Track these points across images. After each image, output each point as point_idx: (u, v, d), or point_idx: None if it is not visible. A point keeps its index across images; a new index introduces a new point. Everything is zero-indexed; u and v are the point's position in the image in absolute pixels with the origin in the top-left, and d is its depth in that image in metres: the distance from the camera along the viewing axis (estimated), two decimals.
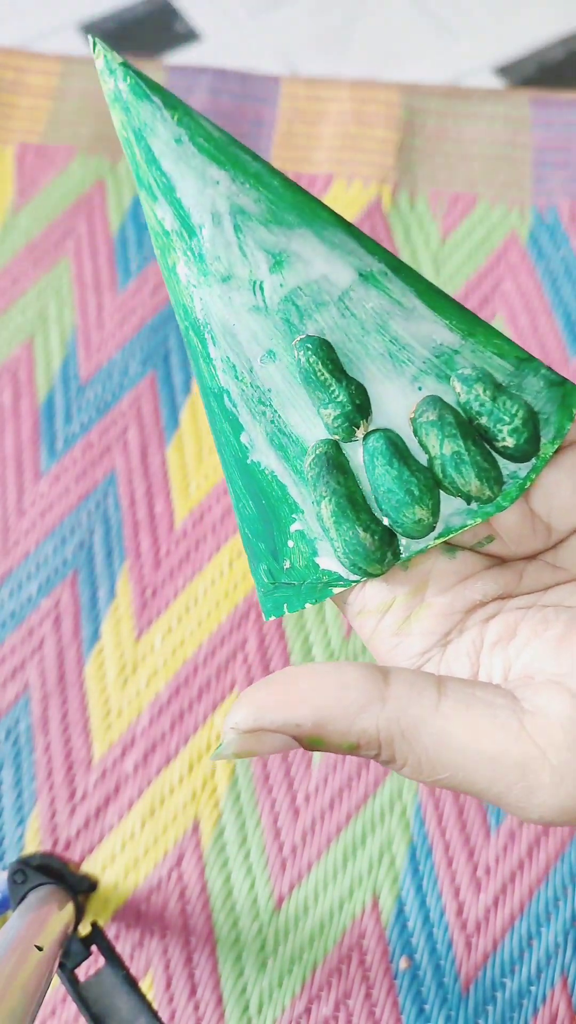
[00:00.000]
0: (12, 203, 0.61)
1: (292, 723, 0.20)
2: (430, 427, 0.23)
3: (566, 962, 0.41)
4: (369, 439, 0.23)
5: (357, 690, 0.20)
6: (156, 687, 0.47)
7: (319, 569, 0.24)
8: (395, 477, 0.23)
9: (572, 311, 0.56)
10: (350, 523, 0.23)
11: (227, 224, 0.24)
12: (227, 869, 0.44)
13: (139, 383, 0.55)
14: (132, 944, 0.43)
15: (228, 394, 0.25)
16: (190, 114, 0.25)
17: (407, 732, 0.20)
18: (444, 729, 0.20)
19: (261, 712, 0.20)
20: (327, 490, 0.23)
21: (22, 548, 0.51)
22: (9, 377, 0.56)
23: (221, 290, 0.24)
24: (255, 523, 0.25)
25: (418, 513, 0.23)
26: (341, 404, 0.23)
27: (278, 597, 0.25)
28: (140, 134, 0.25)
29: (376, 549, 0.23)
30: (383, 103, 0.63)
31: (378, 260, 0.24)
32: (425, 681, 0.20)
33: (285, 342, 0.24)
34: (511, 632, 0.22)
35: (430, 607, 0.23)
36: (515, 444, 0.23)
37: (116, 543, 0.51)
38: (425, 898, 0.43)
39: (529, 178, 0.60)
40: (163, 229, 0.25)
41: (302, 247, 0.24)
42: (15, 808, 0.45)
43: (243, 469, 0.25)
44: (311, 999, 0.41)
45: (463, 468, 0.23)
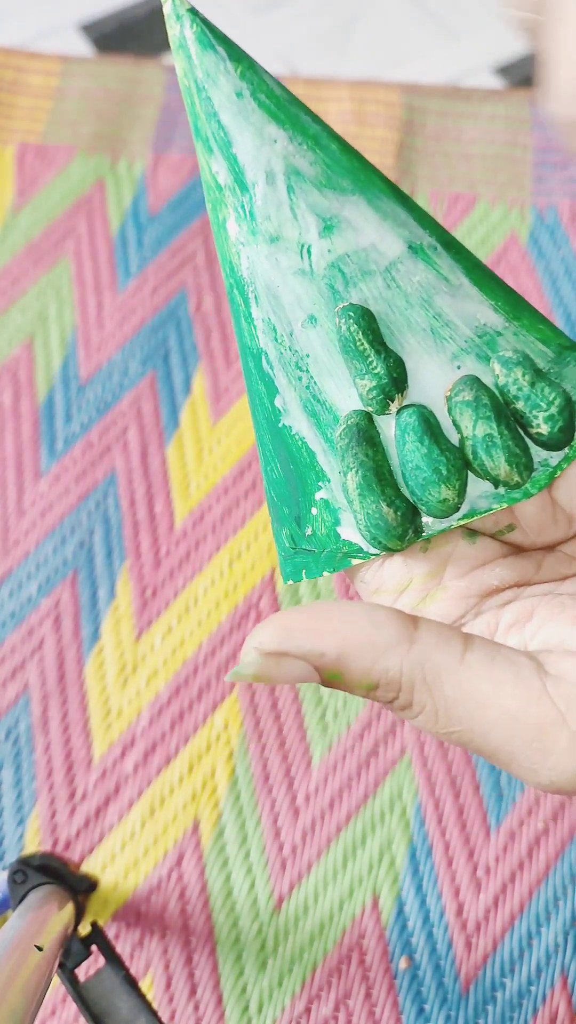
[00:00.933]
0: (12, 203, 0.61)
1: (317, 651, 0.19)
2: (465, 407, 0.23)
3: (566, 962, 0.41)
4: (402, 413, 0.23)
5: (386, 629, 0.20)
6: (156, 687, 0.47)
7: (340, 539, 0.24)
8: (424, 455, 0.22)
9: (572, 311, 0.56)
10: (374, 497, 0.23)
11: (280, 184, 0.24)
12: (227, 869, 0.44)
13: (139, 383, 0.55)
14: (132, 944, 0.43)
15: (266, 356, 0.24)
16: (254, 68, 0.24)
17: (430, 678, 0.20)
18: (467, 680, 0.19)
19: (287, 635, 0.19)
20: (355, 462, 0.23)
21: (22, 548, 0.51)
22: (9, 377, 0.56)
23: (269, 250, 0.24)
24: (281, 486, 0.25)
25: (444, 493, 0.22)
26: (378, 376, 0.23)
27: (297, 562, 0.25)
28: (201, 85, 0.24)
29: (397, 525, 0.23)
30: (383, 103, 0.63)
31: (429, 234, 0.24)
32: (452, 632, 0.20)
33: (328, 308, 0.24)
34: (527, 615, 0.22)
35: (446, 590, 0.23)
36: (549, 431, 0.23)
37: (116, 543, 0.51)
38: (425, 898, 0.43)
39: (529, 178, 0.60)
40: (216, 183, 0.24)
41: (354, 214, 0.24)
42: (15, 808, 0.46)
43: (274, 432, 0.25)
44: (311, 999, 0.41)
45: (494, 451, 0.22)
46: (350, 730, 0.46)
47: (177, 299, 0.57)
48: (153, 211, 0.60)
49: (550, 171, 0.60)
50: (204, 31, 0.24)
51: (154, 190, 0.61)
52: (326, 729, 0.46)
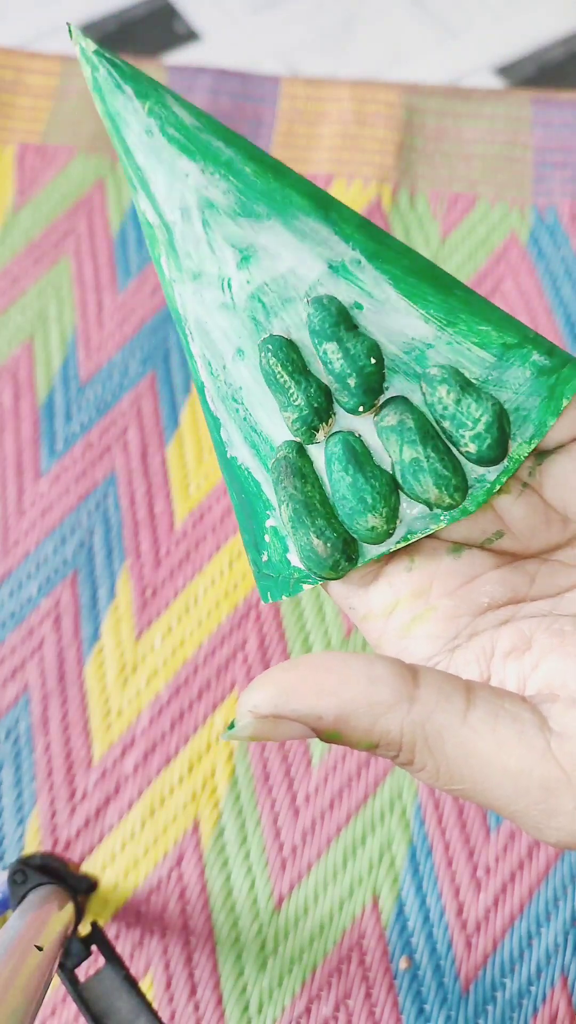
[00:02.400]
0: (12, 203, 0.61)
1: (314, 714, 0.19)
2: (390, 432, 0.22)
3: (566, 962, 0.41)
4: (329, 442, 0.23)
5: (385, 688, 0.19)
6: (156, 687, 0.47)
7: (290, 565, 0.24)
8: (349, 484, 0.22)
9: (572, 311, 0.56)
10: (304, 529, 0.22)
11: (196, 219, 0.23)
12: (227, 869, 0.44)
13: (139, 383, 0.55)
14: (132, 944, 0.43)
15: (207, 390, 0.24)
16: (162, 101, 0.24)
17: (431, 738, 0.19)
18: (469, 740, 0.19)
19: (283, 698, 0.19)
20: (284, 495, 0.23)
21: (22, 548, 0.51)
22: (9, 377, 0.56)
23: (193, 287, 0.24)
24: (240, 514, 0.25)
25: (371, 521, 0.22)
26: (299, 408, 0.22)
27: (263, 585, 0.25)
28: (116, 125, 0.24)
29: (328, 556, 0.22)
30: (383, 103, 0.63)
31: (353, 247, 0.23)
32: (454, 687, 0.19)
33: (252, 341, 0.23)
34: (526, 642, 0.21)
35: (435, 610, 0.23)
36: (477, 450, 0.22)
37: (116, 543, 0.51)
38: (425, 898, 0.43)
39: (529, 178, 0.60)
40: (146, 220, 0.24)
41: (270, 240, 0.23)
42: (15, 808, 0.46)
43: (225, 463, 0.25)
44: (311, 999, 0.41)
45: (421, 475, 0.22)
46: None
47: None
48: None
49: (550, 171, 0.60)
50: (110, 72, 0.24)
51: None
52: None
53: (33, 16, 0.74)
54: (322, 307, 0.22)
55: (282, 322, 0.23)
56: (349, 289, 0.23)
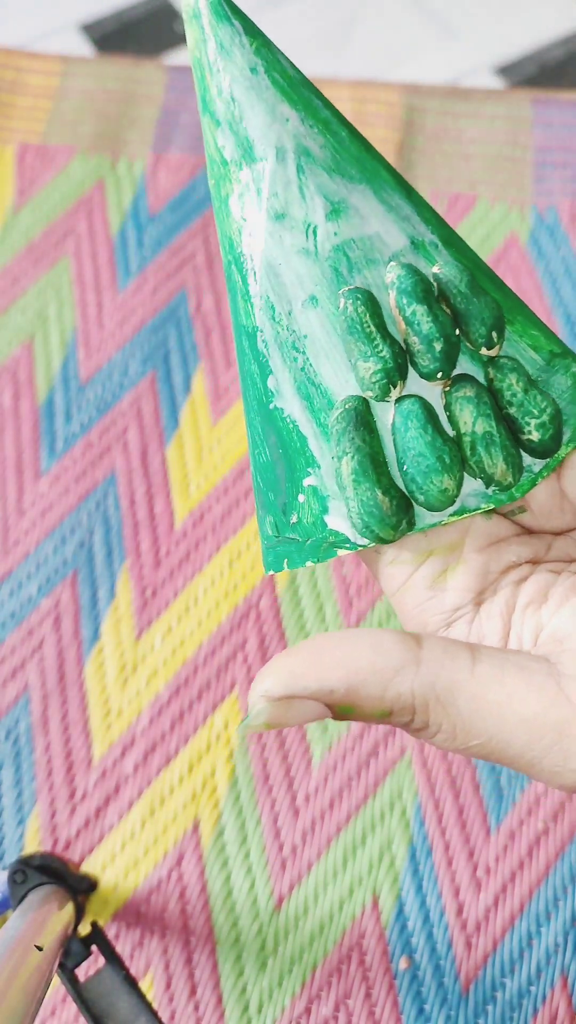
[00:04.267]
0: (12, 203, 0.61)
1: (326, 689, 0.19)
2: (466, 403, 0.23)
3: (566, 962, 0.41)
4: (404, 401, 0.23)
5: (391, 654, 0.19)
6: (156, 687, 0.47)
7: (327, 528, 0.23)
8: (428, 443, 0.22)
9: (572, 311, 0.56)
10: (370, 483, 0.22)
11: (290, 162, 0.23)
12: (227, 869, 0.44)
13: (139, 383, 0.55)
14: (132, 944, 0.43)
15: (262, 334, 0.24)
16: (269, 45, 0.24)
17: (442, 696, 0.19)
18: (480, 693, 0.19)
19: (293, 678, 0.19)
20: (351, 446, 0.22)
21: (22, 548, 0.51)
22: (9, 377, 0.56)
23: (273, 227, 0.24)
24: (268, 471, 0.25)
25: (445, 482, 0.22)
26: (383, 359, 0.22)
27: (280, 551, 0.24)
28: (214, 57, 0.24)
29: (392, 514, 0.22)
30: (383, 103, 0.63)
31: (432, 231, 0.24)
32: (458, 645, 0.20)
33: (330, 290, 0.23)
34: (543, 595, 0.22)
35: (467, 563, 0.23)
36: (540, 439, 0.23)
37: (116, 543, 0.51)
38: (425, 898, 0.43)
39: (529, 178, 0.60)
40: (222, 158, 0.24)
41: (360, 202, 0.24)
42: (15, 808, 0.46)
43: (265, 414, 0.24)
44: (311, 999, 0.41)
45: (493, 449, 0.22)
46: (350, 730, 0.46)
47: (177, 299, 0.57)
48: (153, 211, 0.60)
49: (550, 171, 0.60)
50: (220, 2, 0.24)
51: (154, 190, 0.61)
52: (326, 729, 0.46)
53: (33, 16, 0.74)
54: (414, 272, 0.23)
55: (364, 279, 0.23)
56: (428, 268, 0.23)
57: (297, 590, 0.49)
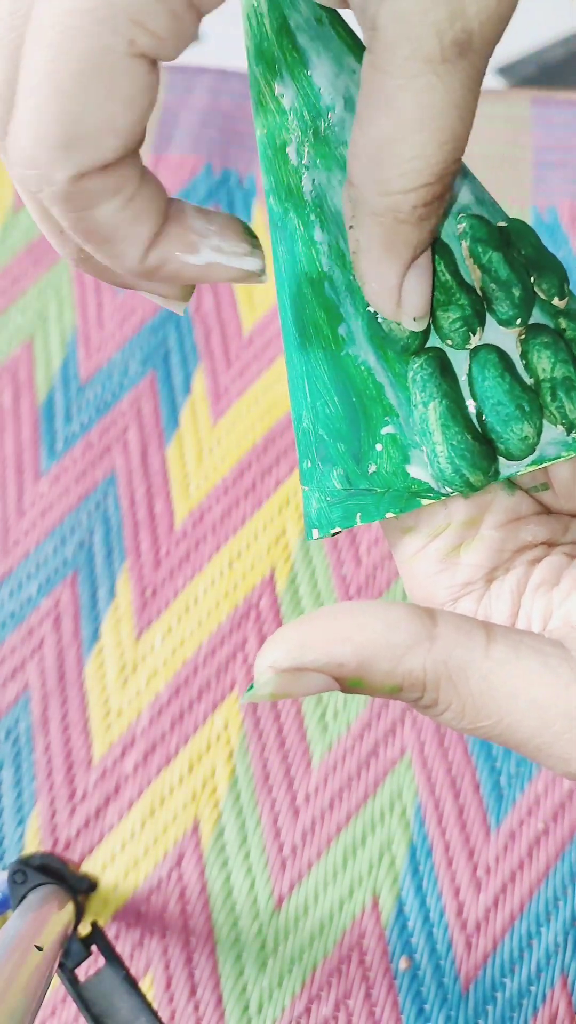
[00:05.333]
0: (12, 203, 0.61)
1: (335, 662, 0.18)
2: (544, 348, 0.22)
3: (566, 962, 0.41)
4: (480, 351, 0.23)
5: (404, 629, 0.19)
6: (156, 687, 0.47)
7: (409, 477, 0.23)
8: (507, 391, 0.22)
9: None
10: (459, 427, 0.22)
11: None
12: (227, 869, 0.44)
13: (139, 383, 0.55)
14: (132, 944, 0.43)
15: (331, 281, 0.24)
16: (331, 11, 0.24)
17: (455, 674, 0.19)
18: (493, 673, 0.19)
19: (302, 649, 0.18)
20: (438, 391, 0.22)
21: (22, 548, 0.51)
22: (9, 377, 0.56)
23: (342, 176, 0.23)
24: (338, 421, 0.24)
25: (526, 430, 0.22)
26: (462, 307, 0.22)
27: (351, 505, 0.23)
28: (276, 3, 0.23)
29: (483, 458, 0.22)
30: None
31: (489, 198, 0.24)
32: (473, 624, 0.20)
33: None
34: (555, 578, 0.22)
35: (483, 539, 0.23)
36: None
37: (116, 543, 0.51)
38: (425, 898, 0.43)
39: (529, 178, 0.60)
40: (279, 107, 0.24)
41: None
42: (15, 808, 0.46)
43: (335, 362, 0.24)
44: (311, 999, 0.41)
45: (573, 393, 0.22)
46: (350, 730, 0.46)
47: None
48: None
49: (550, 171, 0.60)
50: None
51: None
52: (326, 729, 0.46)
53: None
54: (483, 221, 0.23)
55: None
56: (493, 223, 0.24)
57: (297, 590, 0.49)
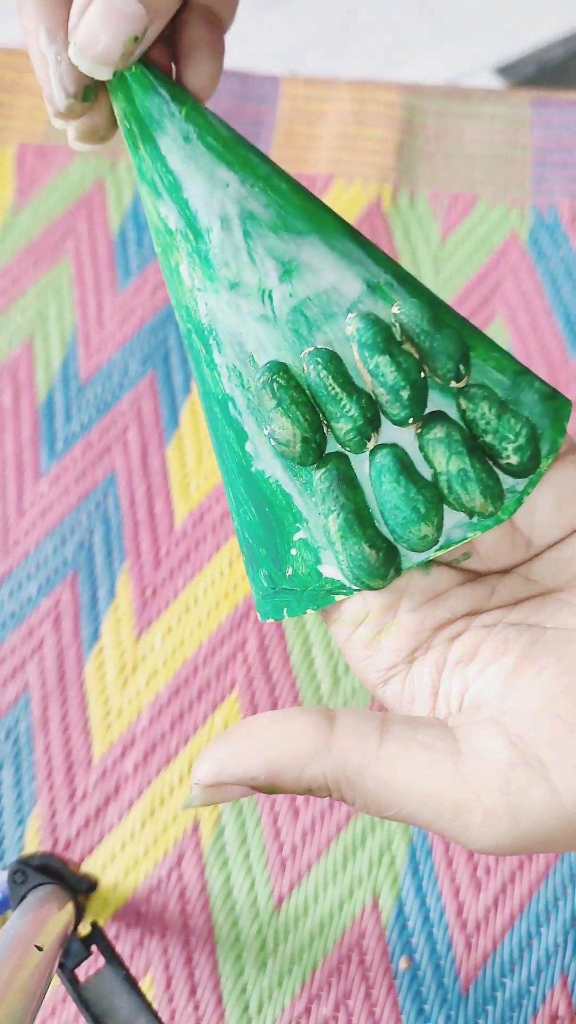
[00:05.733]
0: (12, 203, 0.61)
1: (248, 776, 0.22)
2: (437, 443, 0.23)
3: (566, 962, 0.41)
4: (376, 454, 0.23)
5: (304, 742, 0.21)
6: (156, 687, 0.47)
7: (322, 577, 0.24)
8: (402, 495, 0.23)
9: (572, 311, 0.56)
10: (356, 539, 0.23)
11: (236, 229, 0.23)
12: (227, 869, 0.44)
13: (139, 383, 0.55)
14: (132, 944, 0.43)
15: (233, 402, 0.24)
16: (198, 108, 0.24)
17: (352, 778, 0.21)
18: (385, 774, 0.21)
19: (220, 768, 0.22)
20: (336, 504, 0.23)
21: (22, 548, 0.51)
22: (9, 377, 0.56)
23: (229, 297, 0.24)
24: (256, 528, 0.25)
25: (423, 530, 0.23)
26: (353, 419, 0.23)
27: (278, 601, 0.25)
28: (146, 127, 0.24)
29: (380, 565, 0.23)
30: (383, 103, 0.63)
31: (384, 271, 0.24)
32: (368, 726, 0.22)
33: (292, 353, 0.23)
34: (472, 653, 0.23)
35: (400, 624, 0.24)
36: (519, 461, 0.23)
37: (116, 543, 0.51)
38: (425, 898, 0.43)
39: (529, 178, 0.60)
40: (166, 228, 0.24)
41: (311, 255, 0.23)
42: (15, 808, 0.46)
43: (246, 476, 0.25)
44: (311, 999, 0.41)
45: (468, 485, 0.23)
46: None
47: None
48: None
49: (550, 171, 0.60)
50: (144, 72, 0.24)
51: None
52: None
53: None
54: (372, 322, 0.23)
55: (324, 336, 0.23)
56: (386, 308, 0.24)
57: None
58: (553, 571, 0.24)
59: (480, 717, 0.22)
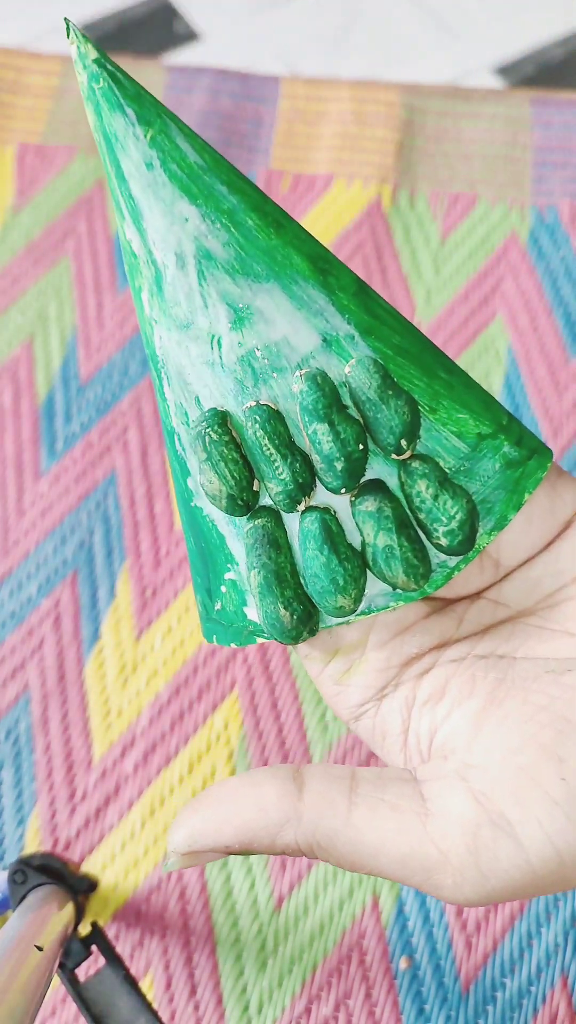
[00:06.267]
0: (12, 203, 0.61)
1: (221, 845, 0.22)
2: (367, 516, 0.23)
3: (566, 962, 0.41)
4: (305, 518, 0.23)
5: (273, 811, 0.22)
6: (156, 687, 0.47)
7: (246, 618, 0.24)
8: (323, 564, 0.22)
9: (572, 311, 0.56)
10: (273, 598, 0.23)
11: (191, 269, 0.22)
12: (227, 869, 0.44)
13: (139, 383, 0.55)
14: (132, 944, 0.43)
15: (179, 437, 0.24)
16: (166, 131, 0.22)
17: (323, 843, 0.22)
18: (354, 838, 0.22)
19: (193, 838, 0.23)
20: (257, 562, 0.23)
21: (22, 548, 0.51)
22: (9, 377, 0.56)
23: (179, 336, 0.23)
24: (195, 558, 0.25)
25: (340, 601, 0.23)
26: (283, 482, 0.22)
27: (210, 627, 0.25)
28: (111, 146, 0.22)
29: (292, 628, 0.23)
30: (383, 103, 0.63)
31: (348, 320, 0.23)
32: (337, 790, 0.22)
33: (236, 402, 0.23)
34: (440, 691, 0.23)
35: (367, 662, 0.24)
36: (448, 544, 0.23)
37: (116, 543, 0.51)
38: (425, 898, 0.43)
39: (529, 178, 0.60)
40: (131, 250, 0.23)
41: (267, 304, 0.22)
42: (15, 808, 0.46)
43: (188, 509, 0.25)
44: (311, 999, 0.41)
45: (392, 562, 0.22)
46: (351, 730, 0.46)
47: None
48: None
49: (550, 171, 0.60)
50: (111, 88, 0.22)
51: None
52: (326, 729, 0.46)
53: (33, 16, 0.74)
54: (316, 386, 0.22)
55: (270, 390, 0.22)
56: (340, 366, 0.23)
57: None
58: (522, 593, 0.24)
59: (447, 770, 0.22)
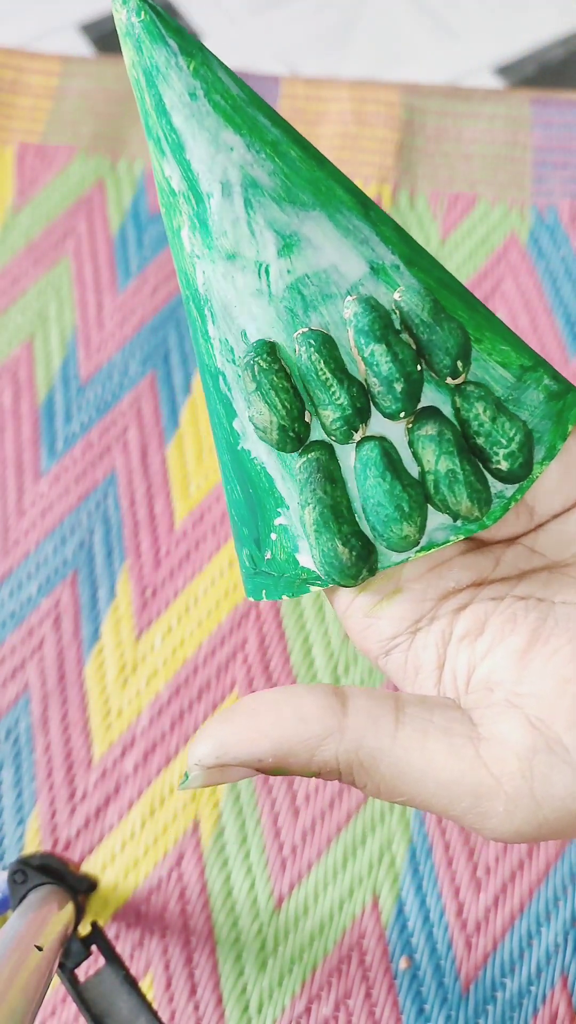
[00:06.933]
0: (12, 203, 0.61)
1: (254, 758, 0.20)
2: (428, 441, 0.22)
3: (566, 962, 0.41)
4: (363, 447, 0.22)
5: (315, 723, 0.20)
6: (156, 687, 0.47)
7: (298, 565, 0.23)
8: (386, 491, 0.22)
9: (572, 311, 0.56)
10: (330, 534, 0.22)
11: (237, 197, 0.22)
12: (227, 869, 0.44)
13: (139, 383, 0.55)
14: (132, 944, 0.43)
15: (224, 377, 0.23)
16: (208, 63, 0.22)
17: (366, 762, 0.20)
18: (401, 759, 0.20)
19: (224, 748, 0.20)
20: (312, 497, 0.22)
21: (22, 548, 0.51)
22: (9, 377, 0.56)
23: (225, 267, 0.22)
24: (241, 507, 0.24)
25: (405, 530, 0.22)
26: (341, 407, 0.22)
27: (258, 582, 0.24)
28: (151, 79, 0.22)
29: (352, 565, 0.22)
30: (383, 103, 0.63)
31: (392, 251, 0.23)
32: (383, 708, 0.21)
33: (286, 333, 0.22)
34: (479, 627, 0.22)
35: (402, 593, 0.23)
36: (508, 468, 0.22)
37: (116, 543, 0.51)
38: (425, 898, 0.43)
39: (529, 178, 0.60)
40: (170, 188, 0.23)
41: (314, 231, 0.22)
42: (15, 808, 0.45)
43: (233, 454, 0.24)
44: (311, 999, 0.41)
45: (456, 487, 0.22)
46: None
47: (177, 299, 0.57)
48: (153, 211, 0.60)
49: (550, 171, 0.60)
50: (153, 20, 0.22)
51: (154, 190, 0.61)
52: None
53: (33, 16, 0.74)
54: (371, 308, 0.22)
55: (320, 317, 0.22)
56: (388, 294, 0.22)
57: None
58: (559, 545, 0.23)
59: (495, 699, 0.21)
